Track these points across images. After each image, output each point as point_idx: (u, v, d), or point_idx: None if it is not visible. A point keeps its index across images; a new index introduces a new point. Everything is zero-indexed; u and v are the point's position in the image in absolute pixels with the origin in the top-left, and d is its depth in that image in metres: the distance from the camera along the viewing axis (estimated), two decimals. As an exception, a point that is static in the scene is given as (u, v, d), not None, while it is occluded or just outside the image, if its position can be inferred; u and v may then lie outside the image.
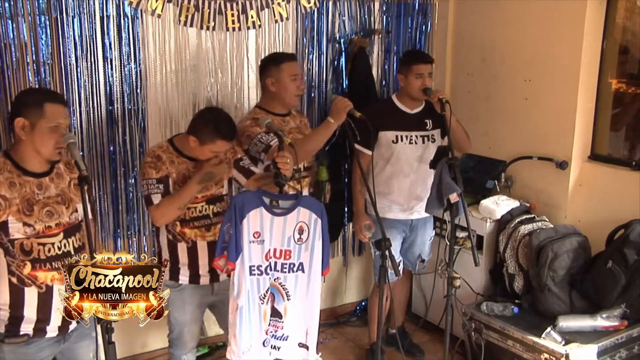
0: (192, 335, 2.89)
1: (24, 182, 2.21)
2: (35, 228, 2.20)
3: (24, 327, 2.25)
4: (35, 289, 2.22)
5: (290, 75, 2.97)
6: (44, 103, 2.17)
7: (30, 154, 2.21)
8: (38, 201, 2.22)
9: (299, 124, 3.18)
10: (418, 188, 3.29)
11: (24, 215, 2.18)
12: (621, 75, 3.40)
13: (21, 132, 2.17)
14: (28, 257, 2.21)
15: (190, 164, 2.68)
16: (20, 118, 2.16)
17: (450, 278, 2.84)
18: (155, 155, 2.65)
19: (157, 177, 2.61)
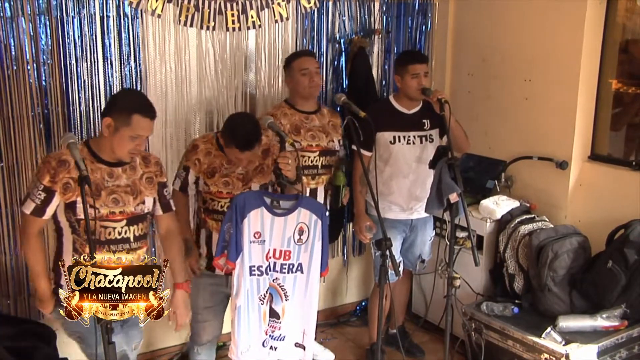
0: (206, 328, 2.89)
1: (96, 168, 2.35)
2: (100, 211, 2.33)
3: None
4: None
5: (300, 70, 3.13)
6: (133, 113, 2.27)
7: (106, 149, 2.35)
8: (106, 188, 2.35)
9: (326, 123, 3.25)
10: (417, 189, 3.29)
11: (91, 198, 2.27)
12: (621, 75, 3.40)
13: (105, 129, 2.29)
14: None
15: (225, 160, 2.76)
16: (109, 118, 2.28)
17: (450, 278, 2.83)
18: (193, 144, 2.81)
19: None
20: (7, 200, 2.99)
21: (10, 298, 3.09)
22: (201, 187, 2.79)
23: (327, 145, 3.23)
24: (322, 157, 3.21)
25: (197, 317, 2.86)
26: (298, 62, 3.16)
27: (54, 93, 3.00)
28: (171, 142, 3.33)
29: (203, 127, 3.39)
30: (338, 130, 3.30)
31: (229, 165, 2.75)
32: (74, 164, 2.22)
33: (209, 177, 2.75)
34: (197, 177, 2.78)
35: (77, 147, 2.24)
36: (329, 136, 3.24)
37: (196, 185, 2.81)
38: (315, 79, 3.16)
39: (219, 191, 2.76)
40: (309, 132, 3.17)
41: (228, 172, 2.76)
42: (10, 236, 3.03)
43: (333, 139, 3.27)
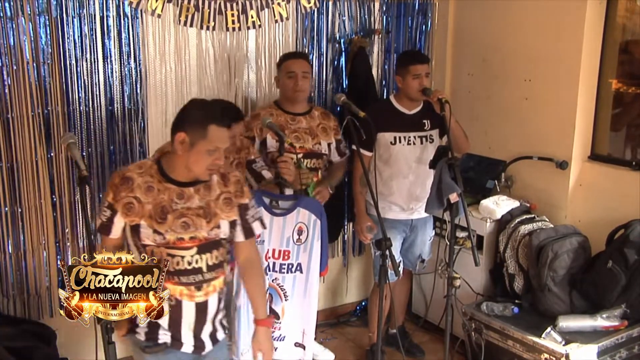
0: None
1: (164, 188, 2.11)
2: (166, 237, 2.09)
3: (162, 336, 2.18)
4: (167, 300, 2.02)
5: (286, 72, 3.09)
6: (209, 125, 2.06)
7: (179, 168, 2.12)
8: (175, 210, 2.10)
9: (315, 126, 3.19)
10: (417, 189, 3.29)
11: (156, 222, 2.08)
12: (621, 75, 3.40)
13: (179, 146, 2.07)
14: None
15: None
16: (182, 133, 2.06)
17: (450, 278, 2.84)
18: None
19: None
20: (7, 200, 2.99)
21: (10, 298, 3.09)
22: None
23: (312, 147, 3.14)
24: (306, 160, 3.14)
25: None
26: (286, 64, 3.11)
27: (54, 93, 3.00)
28: (171, 142, 3.33)
29: (203, 127, 3.39)
30: (329, 133, 3.23)
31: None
32: (139, 182, 2.06)
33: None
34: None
35: (77, 147, 2.23)
36: (315, 138, 3.17)
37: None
38: (301, 83, 3.06)
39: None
40: (293, 134, 3.10)
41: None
42: (10, 236, 3.03)
43: (320, 142, 3.18)
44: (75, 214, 3.16)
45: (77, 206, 3.15)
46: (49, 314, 3.20)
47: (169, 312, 2.10)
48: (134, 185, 2.09)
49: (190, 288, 2.14)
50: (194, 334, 2.20)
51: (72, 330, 2.64)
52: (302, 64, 3.12)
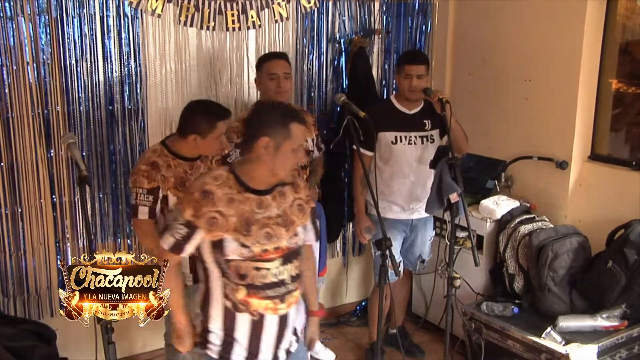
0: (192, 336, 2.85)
1: (244, 199, 2.03)
2: (252, 250, 2.01)
3: (236, 356, 2.11)
4: (249, 315, 2.05)
5: (267, 74, 3.03)
6: (290, 124, 2.01)
7: (262, 174, 2.04)
8: (257, 221, 2.03)
9: None
10: (418, 189, 3.29)
11: (242, 235, 2.00)
12: (621, 75, 3.40)
13: (263, 152, 1.99)
14: (243, 281, 2.02)
15: (187, 165, 2.66)
16: (264, 137, 1.98)
17: (450, 278, 2.83)
18: (151, 162, 2.58)
19: (148, 187, 2.55)
20: (7, 200, 3.00)
21: (10, 298, 3.09)
22: (172, 205, 2.59)
23: None
24: None
25: None
26: (267, 65, 3.04)
27: (54, 93, 3.00)
28: (171, 142, 3.33)
29: (203, 127, 3.39)
30: (310, 129, 3.19)
31: (191, 170, 2.65)
32: (219, 195, 1.98)
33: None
34: (165, 196, 2.59)
35: (77, 147, 2.23)
36: None
37: (164, 205, 2.61)
38: (283, 84, 3.01)
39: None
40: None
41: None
42: (10, 236, 3.03)
43: (306, 139, 3.14)
44: (75, 214, 3.16)
45: (77, 206, 3.15)
46: (49, 314, 3.20)
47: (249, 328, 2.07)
48: (215, 199, 1.98)
49: (275, 301, 2.07)
50: (273, 349, 2.14)
51: (72, 330, 2.64)
52: (283, 64, 3.06)
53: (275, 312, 2.08)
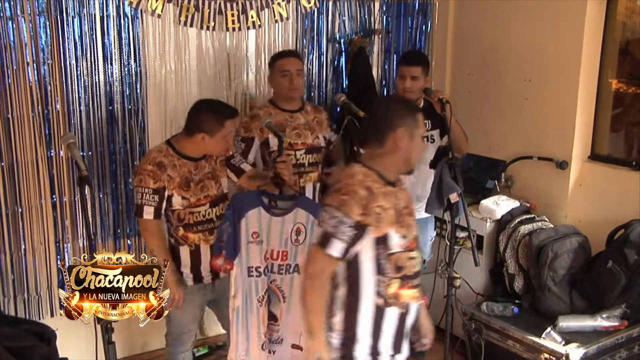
0: (192, 334, 2.90)
1: (390, 192, 2.09)
2: (408, 240, 2.11)
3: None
4: (397, 309, 2.11)
5: (280, 71, 3.08)
6: (416, 113, 2.12)
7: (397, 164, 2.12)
8: (401, 212, 2.12)
9: (311, 120, 3.20)
10: (418, 189, 3.29)
11: (400, 227, 2.08)
12: (621, 75, 3.40)
13: (401, 142, 2.06)
14: (399, 273, 2.07)
15: (192, 165, 2.68)
16: (400, 128, 2.05)
17: (450, 278, 2.83)
18: (157, 162, 2.60)
19: (154, 187, 2.57)
20: (8, 200, 2.99)
21: (10, 298, 3.09)
22: (177, 205, 2.65)
23: (312, 142, 3.16)
24: (308, 155, 3.16)
25: (182, 330, 2.83)
26: (280, 63, 3.09)
27: (54, 93, 3.00)
28: (171, 142, 3.33)
29: (203, 127, 3.39)
30: (323, 126, 3.25)
31: (196, 170, 2.68)
32: (378, 190, 2.00)
33: (185, 190, 2.63)
34: (169, 196, 2.62)
35: (77, 147, 2.23)
36: (314, 133, 3.18)
37: (168, 204, 2.64)
38: (295, 81, 3.07)
39: (198, 199, 2.67)
40: (294, 131, 3.11)
41: (200, 176, 2.68)
42: (10, 236, 3.03)
43: (318, 136, 3.20)
44: (76, 214, 3.16)
45: (77, 206, 3.15)
46: (49, 314, 3.20)
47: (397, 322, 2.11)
48: (378, 194, 2.00)
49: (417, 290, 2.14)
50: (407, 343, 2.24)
51: (72, 330, 2.64)
52: (295, 62, 3.12)
53: (417, 301, 2.15)
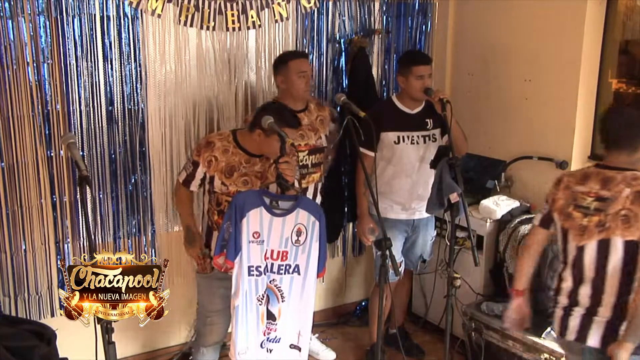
0: (214, 331, 2.88)
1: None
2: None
3: None
4: None
5: (297, 72, 3.09)
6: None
7: None
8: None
9: (314, 119, 3.22)
10: (420, 188, 3.29)
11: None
12: (621, 75, 3.40)
13: None
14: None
15: (244, 158, 2.73)
16: None
17: (450, 278, 2.84)
18: (208, 141, 2.76)
19: (194, 159, 2.75)
20: (7, 200, 2.99)
21: (10, 298, 3.09)
22: (217, 188, 2.75)
23: (315, 143, 3.19)
24: (311, 156, 3.18)
25: (205, 320, 2.86)
26: (296, 64, 3.10)
27: (54, 93, 3.00)
28: (170, 142, 3.33)
29: (203, 127, 3.39)
30: (325, 123, 3.27)
31: (247, 164, 2.74)
32: None
33: (227, 177, 2.72)
34: (211, 177, 2.73)
35: (77, 147, 2.23)
36: (317, 133, 3.21)
37: (210, 186, 2.76)
38: (309, 82, 3.15)
39: (237, 191, 2.72)
40: (298, 132, 3.07)
41: (247, 170, 2.74)
42: (10, 236, 3.03)
43: (321, 136, 3.23)
44: (76, 214, 3.16)
45: (77, 206, 3.15)
46: (49, 314, 3.20)
47: None
48: None
49: None
50: None
51: (72, 330, 2.63)
52: (308, 63, 3.18)
53: None
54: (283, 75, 3.13)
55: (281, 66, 3.14)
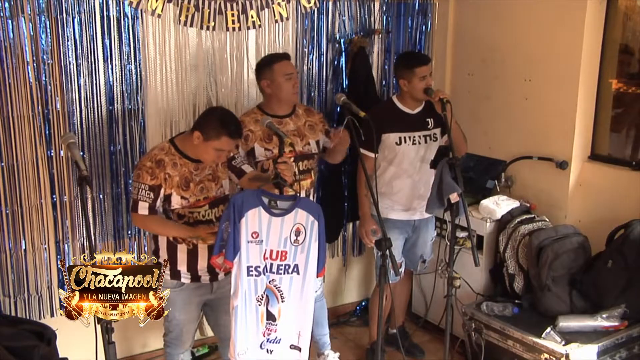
0: (190, 334, 2.90)
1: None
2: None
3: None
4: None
5: (283, 74, 2.99)
6: None
7: None
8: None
9: (302, 125, 3.12)
10: (421, 188, 3.29)
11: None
12: (621, 75, 3.40)
13: None
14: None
15: (192, 166, 2.67)
16: None
17: (450, 278, 2.83)
18: (157, 160, 2.61)
19: (150, 184, 2.58)
20: (7, 200, 2.99)
21: (10, 298, 3.09)
22: (176, 204, 2.64)
23: (302, 149, 3.06)
24: (299, 162, 3.04)
25: (182, 330, 2.82)
26: (282, 66, 2.98)
27: (54, 93, 3.00)
28: (171, 142, 3.33)
29: (203, 127, 3.39)
30: (316, 130, 3.13)
31: (197, 171, 2.67)
32: None
33: (184, 190, 2.64)
34: (167, 195, 2.62)
35: (77, 147, 2.23)
36: (304, 139, 3.08)
37: (167, 204, 2.64)
38: (297, 84, 3.04)
39: (197, 200, 2.67)
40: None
41: (200, 177, 2.69)
42: (10, 236, 3.03)
43: (309, 142, 3.10)
44: (76, 214, 3.16)
45: (77, 206, 3.15)
46: (49, 314, 3.20)
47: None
48: None
49: None
50: None
51: (72, 330, 2.63)
52: (292, 64, 3.09)
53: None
54: (268, 79, 3.00)
55: (265, 69, 3.01)
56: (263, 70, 3.04)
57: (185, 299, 2.76)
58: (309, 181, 3.14)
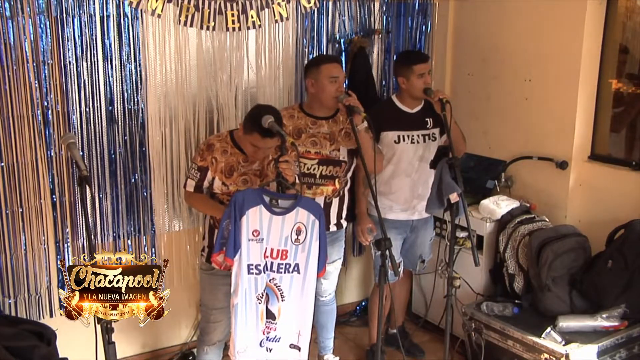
0: (217, 329, 2.87)
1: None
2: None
3: None
4: None
5: (328, 76, 2.96)
6: None
7: None
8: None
9: (337, 131, 3.06)
10: (420, 187, 3.29)
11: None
12: (621, 75, 3.40)
13: None
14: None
15: (242, 157, 2.76)
16: None
17: (450, 278, 2.84)
18: (209, 144, 2.80)
19: (199, 164, 2.78)
20: (7, 200, 2.99)
21: (10, 298, 3.09)
22: (217, 189, 2.79)
23: (329, 154, 3.03)
24: (321, 167, 3.03)
25: (209, 318, 2.86)
26: (329, 68, 2.97)
27: (54, 93, 3.00)
28: (170, 142, 3.33)
29: (203, 127, 3.39)
30: (352, 138, 2.97)
31: (245, 163, 2.77)
32: None
33: (227, 177, 2.76)
34: (212, 178, 2.78)
35: (77, 147, 2.23)
36: (334, 144, 3.04)
37: (210, 187, 2.81)
38: (341, 88, 2.98)
39: (238, 190, 2.74)
40: (310, 138, 3.02)
41: (245, 169, 2.78)
42: (10, 236, 3.03)
43: (340, 148, 3.05)
44: (76, 214, 3.16)
45: (77, 206, 3.15)
46: (49, 314, 3.20)
47: None
48: None
49: None
50: None
51: (72, 330, 2.63)
52: (341, 68, 3.08)
53: None
54: (313, 78, 2.99)
55: (312, 68, 3.02)
56: (310, 69, 3.06)
57: (213, 284, 2.81)
58: (331, 188, 3.09)
